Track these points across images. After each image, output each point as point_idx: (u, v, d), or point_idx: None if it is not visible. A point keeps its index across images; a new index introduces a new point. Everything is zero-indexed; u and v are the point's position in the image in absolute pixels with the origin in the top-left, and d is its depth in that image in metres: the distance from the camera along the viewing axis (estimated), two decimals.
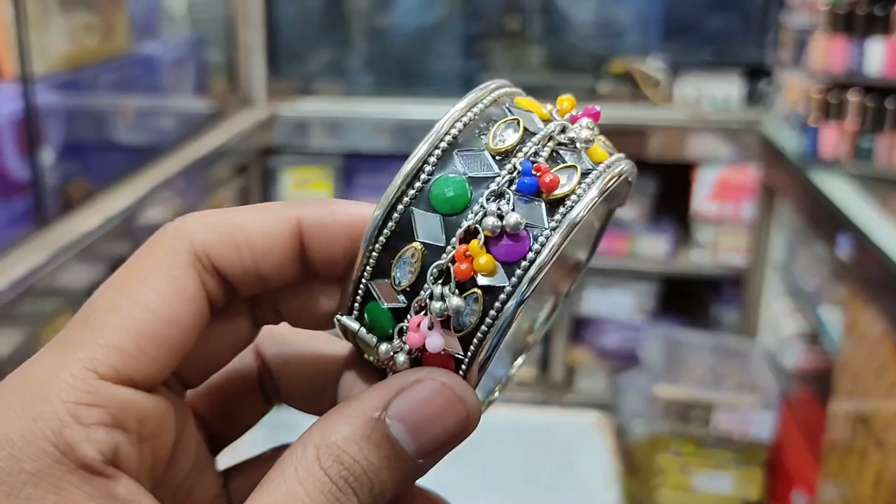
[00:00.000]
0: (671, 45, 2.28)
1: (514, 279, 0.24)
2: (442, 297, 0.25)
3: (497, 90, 0.28)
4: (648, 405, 1.90)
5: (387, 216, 0.26)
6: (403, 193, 0.25)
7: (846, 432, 1.48)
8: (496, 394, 0.32)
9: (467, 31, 2.38)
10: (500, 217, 0.24)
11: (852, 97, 1.67)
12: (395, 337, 0.26)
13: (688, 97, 2.18)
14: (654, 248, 2.22)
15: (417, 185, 0.25)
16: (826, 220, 1.59)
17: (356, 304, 0.27)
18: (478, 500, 1.71)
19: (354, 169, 2.27)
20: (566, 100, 0.28)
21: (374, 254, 0.26)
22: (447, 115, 0.26)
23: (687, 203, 2.17)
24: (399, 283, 0.26)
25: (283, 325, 0.30)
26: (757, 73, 2.20)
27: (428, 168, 0.26)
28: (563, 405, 2.27)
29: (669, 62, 2.23)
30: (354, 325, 0.27)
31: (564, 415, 2.07)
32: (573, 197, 0.25)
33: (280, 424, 0.36)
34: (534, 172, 0.25)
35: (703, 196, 2.14)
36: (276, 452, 0.30)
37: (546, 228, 0.25)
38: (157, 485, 0.26)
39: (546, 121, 0.27)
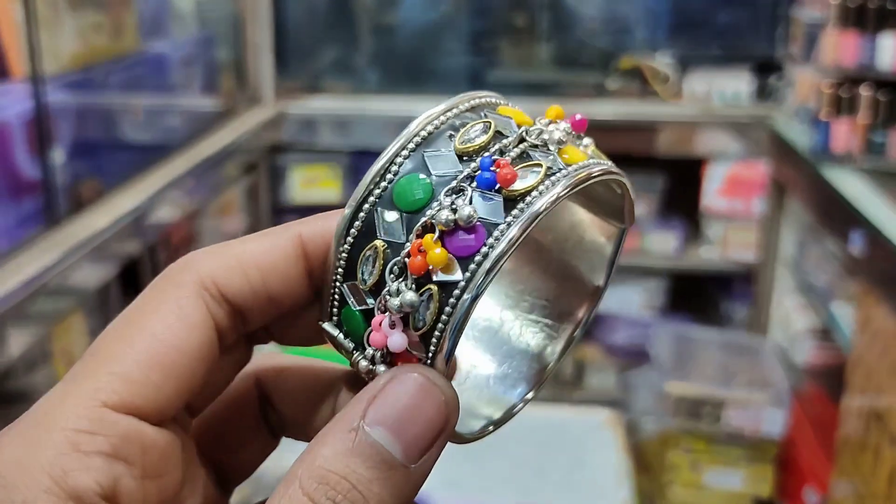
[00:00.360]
0: (680, 40, 2.27)
1: (468, 273, 0.24)
2: (398, 293, 0.24)
3: (479, 99, 0.28)
4: (659, 402, 1.90)
5: (353, 215, 0.26)
6: (370, 193, 0.26)
7: (859, 429, 1.48)
8: (493, 425, 0.31)
9: (474, 27, 2.38)
10: (454, 211, 0.24)
11: (864, 92, 1.66)
12: (366, 343, 0.26)
13: (697, 93, 2.17)
14: (663, 244, 2.22)
15: (383, 184, 0.25)
16: (838, 215, 1.58)
17: (334, 309, 0.27)
18: (490, 497, 1.71)
19: (362, 166, 2.27)
20: (555, 109, 0.28)
21: (343, 254, 0.26)
22: (421, 116, 0.26)
23: (697, 199, 2.17)
24: (365, 282, 0.25)
25: (281, 355, 0.30)
26: (767, 68, 2.19)
27: (395, 168, 0.26)
28: (572, 402, 2.27)
29: (678, 58, 2.22)
30: (334, 331, 0.27)
31: (575, 412, 2.07)
32: (534, 193, 0.24)
33: None
34: (493, 168, 0.25)
35: (713, 192, 2.13)
36: None
37: (502, 223, 0.24)
38: None
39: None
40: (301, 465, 0.23)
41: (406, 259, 0.25)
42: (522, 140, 0.26)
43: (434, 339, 0.25)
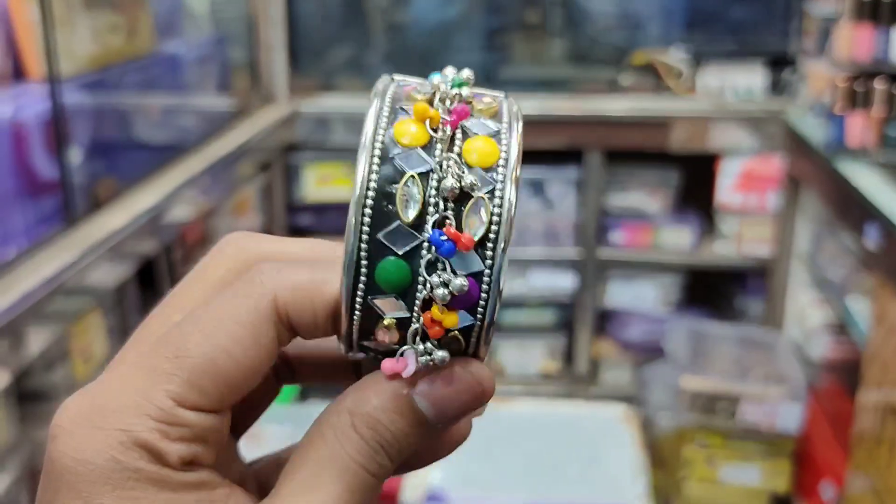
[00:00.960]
0: (694, 35, 2.27)
1: (478, 315, 0.28)
2: (428, 352, 0.28)
3: (377, 151, 0.28)
4: (674, 397, 1.90)
5: (351, 307, 0.28)
6: (355, 287, 0.28)
7: (875, 423, 1.47)
8: None
9: (487, 24, 2.38)
10: (446, 285, 0.27)
11: (878, 85, 1.65)
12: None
13: (711, 88, 2.17)
14: (678, 239, 2.22)
15: (363, 278, 0.28)
16: (853, 209, 1.58)
17: (356, 348, 0.30)
18: (506, 493, 1.71)
19: None
20: (431, 114, 0.29)
21: (355, 325, 0.29)
22: (353, 203, 0.28)
23: (711, 194, 2.16)
24: (387, 344, 0.29)
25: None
26: (780, 63, 2.18)
27: (364, 259, 0.28)
28: (587, 398, 2.27)
29: (692, 53, 2.22)
30: (361, 355, 0.30)
31: (591, 408, 2.07)
32: (493, 228, 0.27)
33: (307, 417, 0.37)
34: (445, 238, 0.27)
35: (728, 187, 2.13)
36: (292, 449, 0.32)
37: (485, 269, 0.28)
38: None
39: (427, 144, 0.28)
40: (351, 401, 0.29)
41: (424, 328, 0.28)
42: (445, 199, 0.28)
43: (471, 351, 0.29)
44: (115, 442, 0.26)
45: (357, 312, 0.28)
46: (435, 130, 0.28)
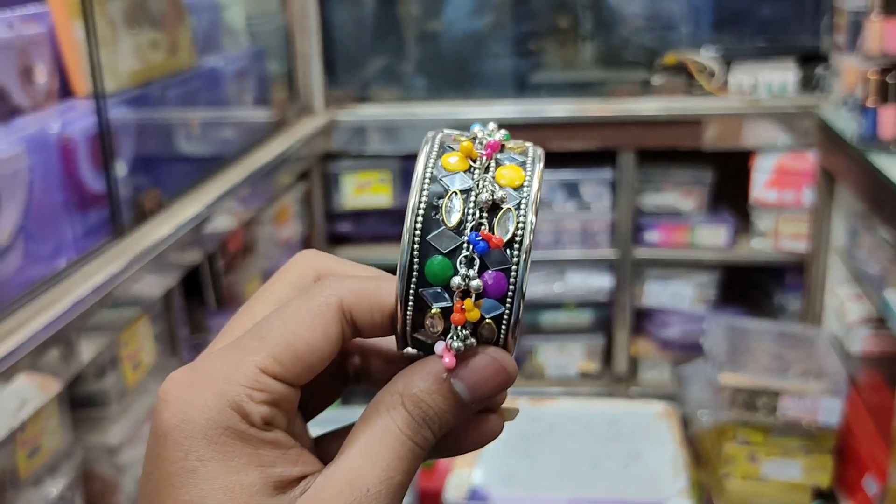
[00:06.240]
0: (724, 34, 2.27)
1: (507, 304, 0.35)
2: (463, 339, 0.35)
3: (427, 175, 0.36)
4: (714, 394, 1.90)
5: (405, 298, 0.35)
6: (409, 281, 0.35)
7: None
8: None
9: (518, 31, 2.40)
10: (480, 277, 0.34)
11: None
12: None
13: (743, 85, 2.18)
14: (713, 237, 2.22)
15: (415, 274, 0.35)
16: (888, 202, 1.58)
17: (410, 341, 0.37)
18: (547, 490, 1.73)
19: (412, 171, 2.30)
20: (472, 149, 0.36)
21: (408, 317, 0.36)
22: (409, 213, 0.35)
23: (746, 191, 2.17)
24: (433, 332, 0.36)
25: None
26: (812, 59, 2.18)
27: (416, 258, 0.35)
28: (627, 398, 2.28)
29: (723, 52, 2.23)
30: (413, 352, 0.37)
31: (630, 405, 2.08)
32: (518, 233, 0.34)
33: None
34: (480, 239, 0.34)
35: (762, 184, 2.13)
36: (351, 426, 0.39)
37: (511, 263, 0.34)
38: None
39: (468, 170, 0.36)
40: (401, 384, 0.35)
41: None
42: (480, 204, 0.35)
43: (501, 342, 0.36)
44: (213, 404, 0.33)
45: (410, 303, 0.35)
46: (474, 161, 0.36)
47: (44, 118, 1.24)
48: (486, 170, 0.36)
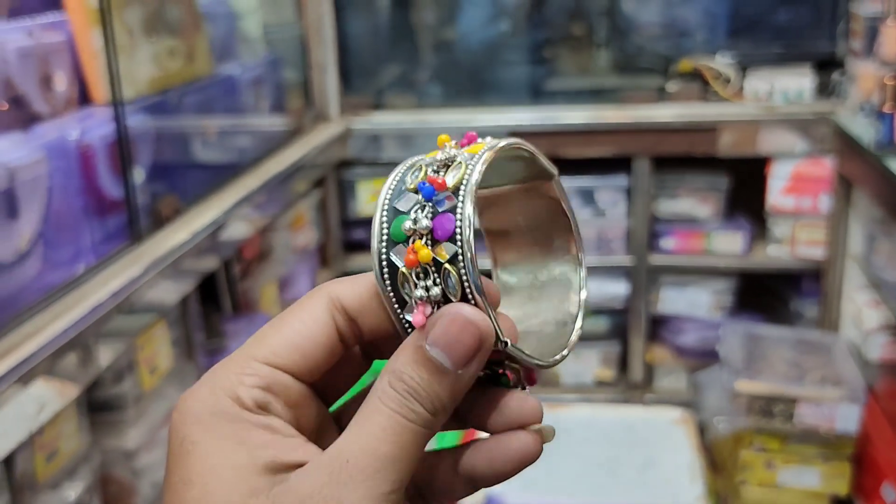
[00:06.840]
0: (740, 41, 2.27)
1: (458, 244, 0.35)
2: (427, 289, 0.36)
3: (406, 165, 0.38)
4: (730, 401, 1.89)
5: (380, 265, 0.36)
6: (381, 245, 0.36)
7: None
8: (565, 351, 0.42)
9: (533, 38, 2.41)
10: (429, 217, 0.36)
11: None
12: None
13: (759, 92, 2.17)
14: (729, 244, 2.21)
15: (384, 238, 0.36)
16: None
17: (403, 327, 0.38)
18: (564, 496, 1.73)
19: None
20: (442, 138, 0.39)
21: (390, 293, 0.37)
22: (385, 185, 0.38)
23: (762, 198, 2.16)
24: (412, 297, 0.36)
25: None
26: (828, 65, 2.18)
27: (384, 224, 0.37)
28: (643, 405, 2.27)
29: (738, 58, 2.23)
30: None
31: (647, 412, 2.07)
32: (464, 180, 0.36)
33: None
34: (428, 184, 0.36)
35: (779, 190, 2.12)
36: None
37: (458, 203, 0.35)
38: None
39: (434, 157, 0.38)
40: (388, 365, 0.36)
41: (426, 266, 0.36)
42: (436, 162, 0.37)
43: (468, 294, 0.35)
44: (208, 391, 0.36)
45: (385, 270, 0.36)
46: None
47: (63, 125, 1.25)
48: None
